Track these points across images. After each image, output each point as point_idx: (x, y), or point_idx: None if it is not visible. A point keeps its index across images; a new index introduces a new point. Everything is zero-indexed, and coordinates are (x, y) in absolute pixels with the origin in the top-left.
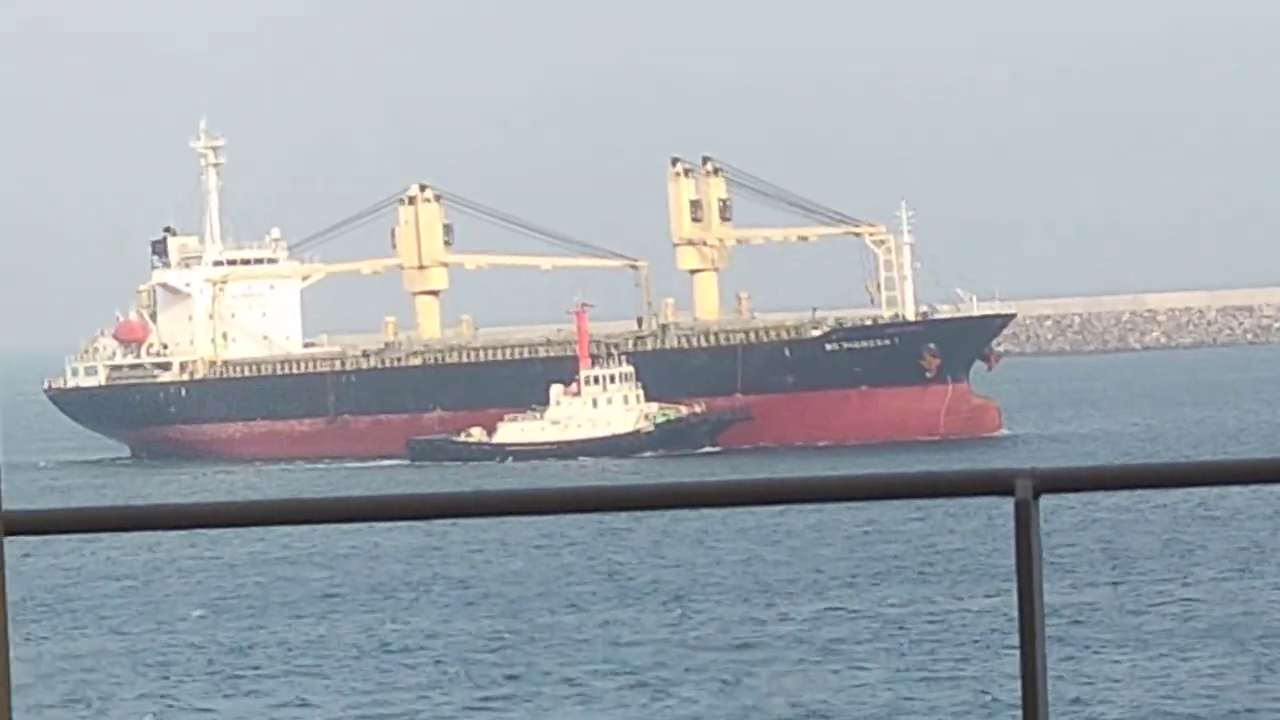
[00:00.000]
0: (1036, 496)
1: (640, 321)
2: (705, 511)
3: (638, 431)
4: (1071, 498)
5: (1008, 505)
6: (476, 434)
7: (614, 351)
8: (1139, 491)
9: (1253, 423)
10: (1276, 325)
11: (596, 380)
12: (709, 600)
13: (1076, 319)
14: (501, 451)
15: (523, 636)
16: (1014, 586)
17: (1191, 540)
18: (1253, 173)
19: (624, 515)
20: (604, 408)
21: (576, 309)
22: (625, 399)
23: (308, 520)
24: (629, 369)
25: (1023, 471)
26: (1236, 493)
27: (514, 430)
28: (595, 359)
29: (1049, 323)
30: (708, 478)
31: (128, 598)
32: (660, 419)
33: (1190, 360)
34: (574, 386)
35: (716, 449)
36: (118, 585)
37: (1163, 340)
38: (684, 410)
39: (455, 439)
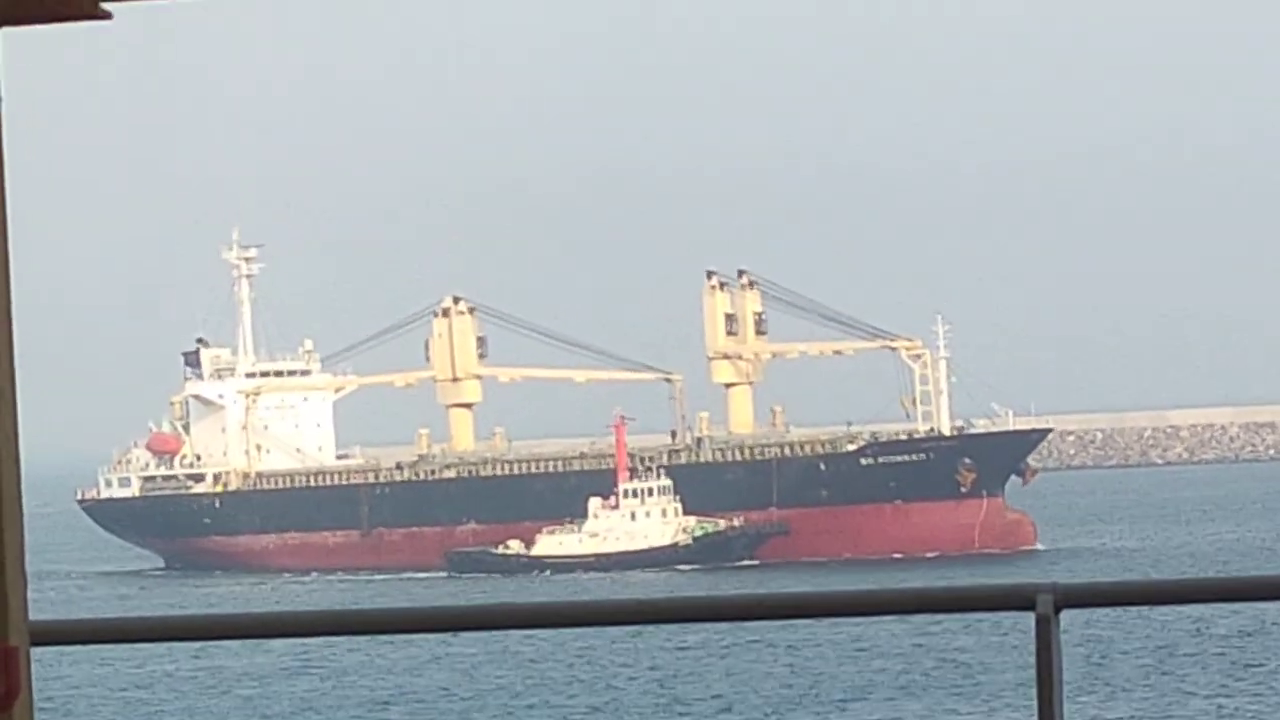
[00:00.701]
0: (1058, 611)
1: (674, 435)
2: (717, 626)
3: (676, 545)
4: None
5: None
6: (515, 546)
7: (651, 464)
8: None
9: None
10: None
11: (635, 493)
12: (711, 714)
13: (1099, 434)
14: (539, 564)
15: None
16: (1034, 702)
17: (1189, 658)
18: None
19: (619, 629)
20: (642, 520)
21: (616, 422)
22: (664, 512)
23: (329, 632)
24: (667, 482)
25: (1044, 586)
26: (1242, 609)
27: (552, 543)
28: (633, 472)
29: (1071, 438)
30: (724, 591)
31: (124, 710)
32: (698, 532)
33: (1213, 476)
34: (612, 499)
35: (754, 562)
36: (116, 696)
37: (1185, 456)
38: (722, 524)
39: (493, 551)
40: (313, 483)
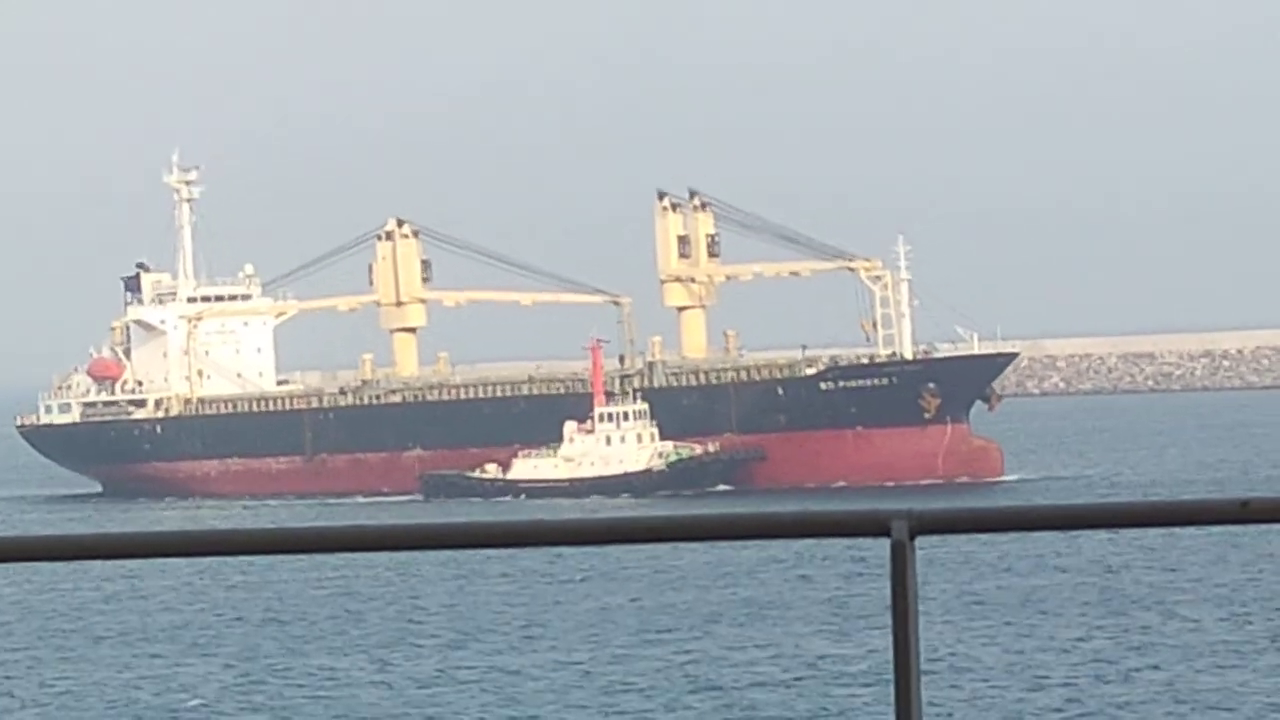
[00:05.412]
0: (913, 538)
1: (622, 359)
2: (572, 550)
3: (650, 470)
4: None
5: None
6: (490, 470)
7: (628, 389)
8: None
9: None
10: (1178, 373)
11: (610, 418)
12: (557, 644)
13: None
14: (514, 488)
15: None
16: (889, 628)
17: (1045, 589)
18: (1156, 220)
19: (450, 556)
20: (617, 446)
21: (591, 344)
22: (639, 437)
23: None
24: (643, 406)
25: (899, 512)
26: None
27: (527, 467)
28: (609, 396)
29: None
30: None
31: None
32: (673, 458)
33: (1091, 407)
34: (588, 423)
35: (729, 488)
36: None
37: (1062, 386)
38: (697, 449)
39: (469, 475)
40: (255, 408)
